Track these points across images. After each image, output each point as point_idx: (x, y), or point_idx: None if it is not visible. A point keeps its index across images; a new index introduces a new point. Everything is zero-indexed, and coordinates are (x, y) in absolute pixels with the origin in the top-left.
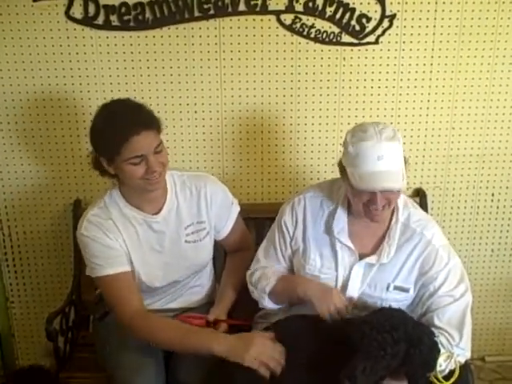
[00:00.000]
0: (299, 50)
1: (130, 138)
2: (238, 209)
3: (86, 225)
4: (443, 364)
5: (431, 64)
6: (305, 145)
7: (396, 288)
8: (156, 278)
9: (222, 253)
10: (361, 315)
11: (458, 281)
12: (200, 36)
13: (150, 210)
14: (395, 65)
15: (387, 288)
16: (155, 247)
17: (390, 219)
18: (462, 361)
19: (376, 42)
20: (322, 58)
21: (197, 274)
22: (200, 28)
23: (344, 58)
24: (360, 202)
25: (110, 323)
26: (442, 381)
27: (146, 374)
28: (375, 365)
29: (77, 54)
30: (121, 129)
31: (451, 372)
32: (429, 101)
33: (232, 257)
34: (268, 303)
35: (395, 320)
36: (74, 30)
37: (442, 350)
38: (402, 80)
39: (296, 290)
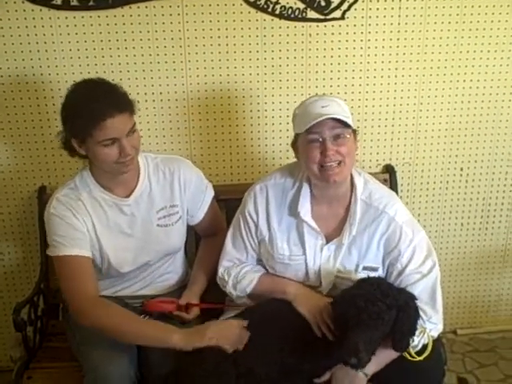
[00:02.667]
0: (264, 28)
1: (104, 121)
2: (213, 193)
3: (55, 204)
4: (416, 339)
5: (398, 39)
6: (273, 123)
7: (365, 268)
8: (125, 262)
9: (193, 238)
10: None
11: (425, 256)
12: (162, 15)
13: (121, 192)
14: (362, 40)
15: (356, 269)
16: (126, 230)
17: (350, 198)
18: (435, 335)
19: (342, 17)
20: (287, 35)
21: (169, 258)
22: (162, 6)
23: (310, 35)
24: (314, 163)
25: None
26: (415, 356)
27: (119, 362)
28: (374, 335)
29: (35, 35)
30: (95, 111)
31: (424, 347)
32: (396, 76)
33: (205, 241)
34: (242, 300)
35: (383, 288)
36: (32, 10)
37: None
38: (369, 55)
39: (283, 294)
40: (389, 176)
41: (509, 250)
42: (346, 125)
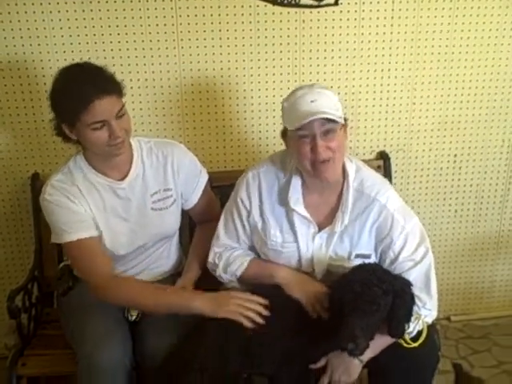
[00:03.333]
0: (257, 13)
1: (91, 103)
2: (207, 177)
3: (50, 190)
4: (411, 326)
5: (391, 25)
6: (266, 110)
7: (358, 256)
8: (121, 245)
9: (187, 225)
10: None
11: (418, 243)
12: (155, 0)
13: (116, 175)
14: (355, 27)
15: (349, 257)
16: (121, 214)
17: (342, 186)
18: (430, 321)
19: (335, 3)
20: (280, 21)
21: (164, 243)
22: None
23: (303, 21)
24: (306, 159)
25: (74, 298)
26: (410, 342)
27: (113, 349)
28: (371, 321)
29: (27, 21)
30: (81, 94)
31: (418, 333)
32: (390, 63)
33: (200, 228)
34: (232, 284)
35: (379, 273)
36: None
37: None
38: (362, 42)
39: (272, 278)
40: (383, 162)
41: (502, 237)
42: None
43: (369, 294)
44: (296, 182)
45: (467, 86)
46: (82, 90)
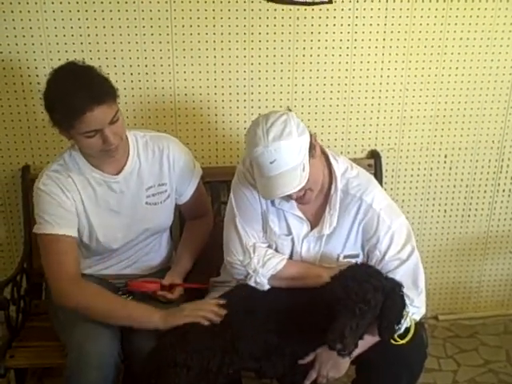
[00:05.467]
0: (252, 10)
1: (83, 115)
2: (201, 172)
3: (45, 179)
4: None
5: (385, 24)
6: (259, 107)
7: (346, 257)
8: (114, 239)
9: (178, 221)
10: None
11: (404, 242)
12: (150, 2)
13: (111, 170)
14: (349, 25)
15: (338, 258)
16: (113, 208)
17: (329, 188)
18: (418, 318)
19: (330, 1)
20: (274, 18)
21: (155, 237)
22: None
23: (297, 18)
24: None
25: None
26: (398, 339)
27: (101, 340)
28: (360, 322)
29: (21, 20)
30: (73, 105)
31: (406, 330)
32: (382, 62)
33: (191, 223)
34: (263, 284)
35: (370, 271)
36: None
37: None
38: (356, 40)
39: (320, 278)
40: (374, 161)
41: (490, 238)
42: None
43: (359, 289)
44: None
45: (458, 87)
46: (74, 101)
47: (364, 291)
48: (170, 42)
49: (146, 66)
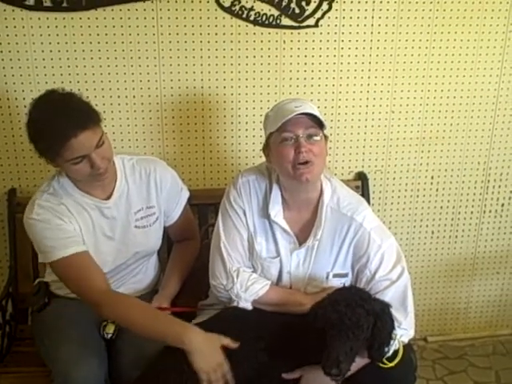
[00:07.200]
0: (239, 33)
1: (68, 142)
2: (188, 194)
3: (38, 210)
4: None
5: (370, 48)
6: (246, 129)
7: (335, 276)
8: (105, 264)
9: (165, 244)
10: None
11: (394, 263)
12: (137, 18)
13: (100, 194)
14: (335, 48)
15: (327, 276)
16: (107, 233)
17: (317, 203)
18: (406, 340)
19: (316, 25)
20: (261, 41)
21: (144, 260)
22: (136, 9)
23: (284, 41)
24: (288, 162)
25: (49, 315)
26: (386, 362)
27: (87, 366)
28: (354, 345)
29: (7, 36)
30: (57, 134)
31: (395, 352)
32: (369, 84)
33: (178, 246)
34: (243, 305)
35: (360, 293)
36: (4, 10)
37: None
38: (342, 64)
39: (302, 305)
40: (361, 183)
41: (478, 259)
42: (319, 124)
43: (352, 314)
44: (276, 195)
45: (443, 109)
46: (56, 130)
47: (357, 316)
48: (158, 64)
49: (134, 88)
